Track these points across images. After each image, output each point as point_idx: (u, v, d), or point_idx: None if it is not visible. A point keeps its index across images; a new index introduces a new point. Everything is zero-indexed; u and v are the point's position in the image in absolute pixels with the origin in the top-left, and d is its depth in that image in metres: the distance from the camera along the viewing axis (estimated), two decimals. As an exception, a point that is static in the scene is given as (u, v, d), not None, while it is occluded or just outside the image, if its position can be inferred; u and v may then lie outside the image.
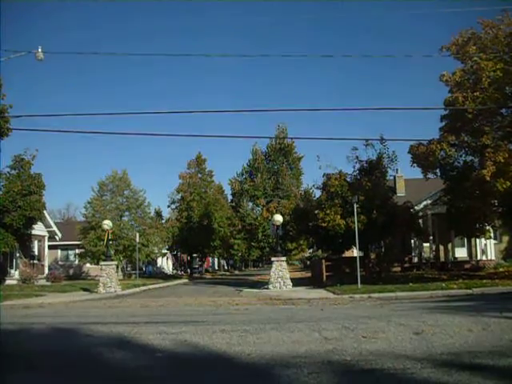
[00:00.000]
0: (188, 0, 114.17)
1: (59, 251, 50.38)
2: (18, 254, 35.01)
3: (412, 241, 34.54)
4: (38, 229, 37.40)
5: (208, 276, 55.80)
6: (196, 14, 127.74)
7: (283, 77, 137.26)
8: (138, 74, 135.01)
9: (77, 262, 48.23)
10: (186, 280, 43.86)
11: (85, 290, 27.37)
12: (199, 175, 55.79)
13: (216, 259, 79.62)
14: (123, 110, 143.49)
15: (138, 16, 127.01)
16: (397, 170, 36.14)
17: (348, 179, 27.74)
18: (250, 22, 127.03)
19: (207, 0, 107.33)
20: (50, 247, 43.70)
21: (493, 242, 32.87)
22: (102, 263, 27.37)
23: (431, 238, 33.32)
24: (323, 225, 25.63)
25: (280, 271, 24.70)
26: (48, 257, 42.36)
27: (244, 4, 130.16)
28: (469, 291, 17.95)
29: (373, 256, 29.61)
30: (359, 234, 22.78)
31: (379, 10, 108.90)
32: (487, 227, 25.57)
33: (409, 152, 23.87)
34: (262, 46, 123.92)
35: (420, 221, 30.58)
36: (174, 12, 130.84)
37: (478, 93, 20.60)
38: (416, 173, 25.71)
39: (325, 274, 27.95)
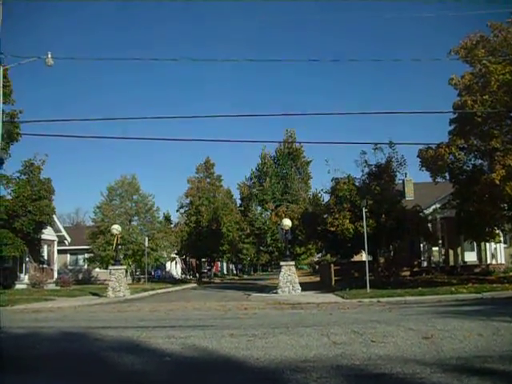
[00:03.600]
0: (193, 1, 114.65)
1: (68, 256, 50.56)
2: (27, 259, 35.21)
3: (421, 245, 34.34)
4: (48, 233, 37.59)
5: (217, 280, 55.81)
6: (201, 19, 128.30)
7: (291, 82, 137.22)
8: (145, 79, 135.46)
9: (86, 266, 48.41)
10: (195, 284, 43.89)
11: (94, 294, 27.47)
12: (208, 180, 55.84)
13: (225, 264, 79.60)
14: (131, 115, 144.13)
15: (147, 23, 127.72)
16: (405, 173, 35.95)
17: (357, 183, 27.71)
18: (256, 26, 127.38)
19: (210, 3, 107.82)
20: (60, 252, 43.87)
21: (503, 245, 32.69)
22: (111, 268, 27.48)
23: (440, 242, 33.14)
24: (332, 229, 25.59)
25: (289, 275, 24.68)
26: (57, 261, 42.55)
27: (249, 7, 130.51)
28: (478, 296, 17.86)
29: (382, 260, 29.52)
30: (368, 239, 22.73)
31: (386, 13, 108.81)
32: (497, 231, 25.43)
33: (418, 156, 23.84)
34: (270, 52, 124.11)
35: (429, 225, 30.41)
36: (182, 17, 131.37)
37: (487, 96, 20.54)
38: (425, 177, 25.69)
39: (333, 278, 27.89)
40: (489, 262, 33.33)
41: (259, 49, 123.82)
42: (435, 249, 33.97)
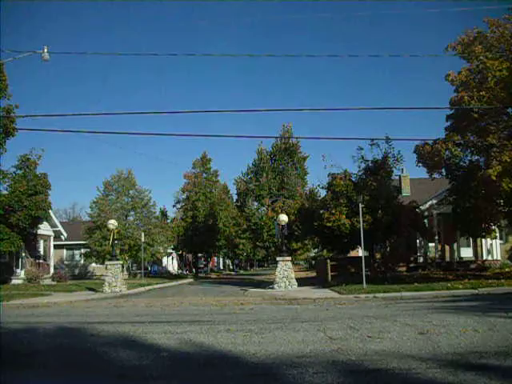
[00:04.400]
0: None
1: (65, 251, 50.52)
2: (23, 254, 35.13)
3: (417, 241, 34.43)
4: (44, 228, 37.51)
5: (213, 276, 55.83)
6: (198, 13, 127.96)
7: (289, 76, 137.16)
8: (143, 75, 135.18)
9: (82, 261, 48.37)
10: (192, 280, 43.91)
11: (90, 289, 27.45)
12: (204, 175, 55.78)
13: (221, 259, 79.65)
14: (128, 110, 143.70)
15: (142, 18, 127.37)
16: (402, 169, 36.10)
17: (353, 179, 27.71)
18: (255, 21, 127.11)
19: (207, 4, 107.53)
20: (56, 247, 43.82)
21: (498, 241, 32.75)
22: (108, 263, 27.43)
23: (436, 237, 33.21)
24: (328, 224, 25.60)
25: (285, 271, 24.69)
26: (53, 256, 42.46)
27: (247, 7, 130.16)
28: (474, 291, 17.90)
29: (378, 256, 29.56)
30: (364, 234, 22.74)
31: (385, 10, 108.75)
32: (493, 227, 25.47)
33: (414, 152, 23.84)
34: (268, 46, 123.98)
35: (425, 220, 30.51)
36: (179, 13, 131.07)
37: (483, 92, 20.53)
38: (421, 172, 25.76)
39: (330, 273, 27.91)
40: (485, 257, 33.41)
41: (257, 48, 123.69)
42: (431, 244, 34.03)
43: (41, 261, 37.48)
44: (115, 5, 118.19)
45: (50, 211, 36.26)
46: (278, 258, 25.78)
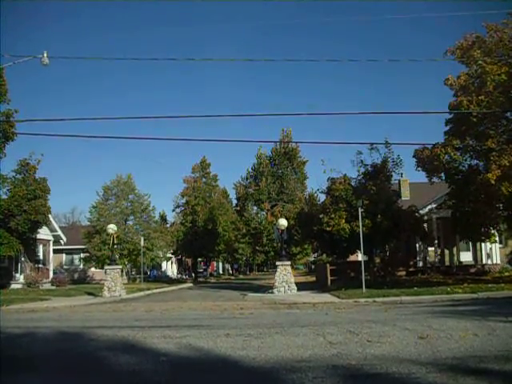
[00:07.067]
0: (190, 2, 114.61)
1: (64, 255, 50.47)
2: (23, 258, 35.07)
3: (417, 245, 34.40)
4: (43, 233, 37.46)
5: (212, 280, 55.73)
6: (198, 22, 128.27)
7: (288, 81, 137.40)
8: (142, 79, 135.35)
9: (81, 266, 48.32)
10: (191, 284, 43.82)
11: (89, 294, 27.39)
12: (204, 179, 55.75)
13: (220, 263, 79.52)
14: (127, 114, 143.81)
15: (144, 24, 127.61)
16: (401, 173, 35.97)
17: (352, 183, 27.72)
18: (255, 28, 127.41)
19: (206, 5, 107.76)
20: (55, 251, 43.76)
21: (498, 246, 32.77)
22: (107, 267, 27.40)
23: (436, 242, 33.18)
24: (328, 229, 25.60)
25: (284, 275, 24.67)
26: (53, 261, 42.40)
27: (247, 8, 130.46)
28: (474, 295, 17.89)
29: (377, 260, 29.54)
30: (364, 238, 22.73)
31: (384, 14, 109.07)
32: (492, 231, 25.47)
33: (413, 156, 23.85)
34: (268, 53, 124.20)
35: (425, 225, 30.49)
36: (179, 20, 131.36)
37: (482, 96, 20.56)
38: (421, 177, 25.73)
39: (329, 278, 27.89)
40: (484, 262, 33.42)
41: (257, 50, 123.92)
42: (431, 249, 34.01)
43: (40, 265, 37.42)
44: (115, 5, 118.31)
45: (50, 216, 36.21)
46: (277, 263, 25.76)
